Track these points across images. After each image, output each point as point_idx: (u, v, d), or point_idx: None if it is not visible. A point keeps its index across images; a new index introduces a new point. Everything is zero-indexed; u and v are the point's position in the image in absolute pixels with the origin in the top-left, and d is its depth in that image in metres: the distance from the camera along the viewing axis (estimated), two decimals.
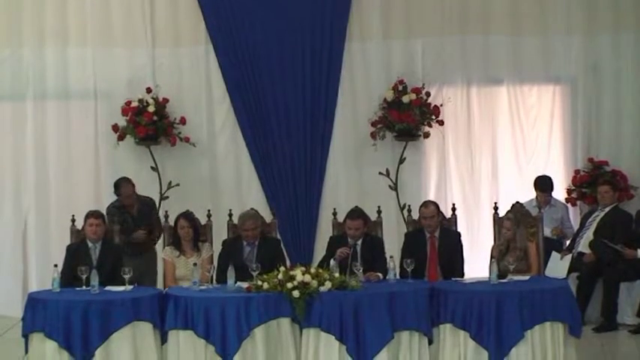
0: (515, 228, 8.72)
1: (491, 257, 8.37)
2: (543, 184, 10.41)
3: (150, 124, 10.42)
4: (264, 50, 10.72)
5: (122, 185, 9.66)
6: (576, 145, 10.93)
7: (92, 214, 8.60)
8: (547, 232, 9.88)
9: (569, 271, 9.71)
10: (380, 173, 10.75)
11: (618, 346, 9.21)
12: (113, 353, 7.49)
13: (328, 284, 7.56)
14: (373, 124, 10.63)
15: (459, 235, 8.90)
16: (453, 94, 10.91)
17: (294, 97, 10.74)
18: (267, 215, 9.58)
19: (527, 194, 10.40)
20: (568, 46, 10.91)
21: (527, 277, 8.18)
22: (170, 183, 10.63)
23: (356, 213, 8.62)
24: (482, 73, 10.97)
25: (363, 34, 10.88)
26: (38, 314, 7.55)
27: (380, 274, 8.15)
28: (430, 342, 7.69)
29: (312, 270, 7.66)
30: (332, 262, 8.11)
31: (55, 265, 8.09)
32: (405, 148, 10.73)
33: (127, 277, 7.88)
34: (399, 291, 7.71)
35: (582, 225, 10.20)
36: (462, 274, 8.50)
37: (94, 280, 7.80)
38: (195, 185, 10.74)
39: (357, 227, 8.52)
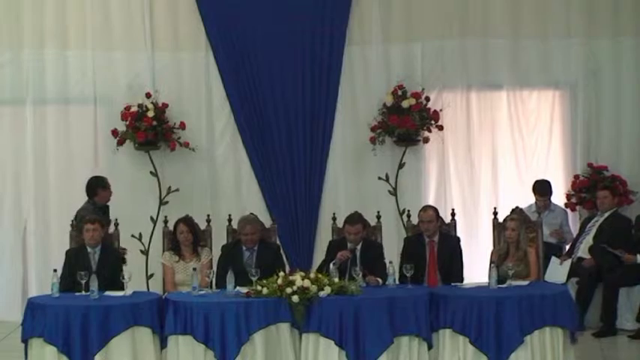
0: (520, 228, 8.69)
1: (491, 262, 8.37)
2: (542, 188, 10.41)
3: (149, 129, 10.40)
4: (264, 55, 10.72)
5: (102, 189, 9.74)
6: (576, 150, 10.94)
7: (88, 220, 8.58)
8: (546, 235, 9.87)
9: (569, 276, 9.70)
10: (379, 178, 10.74)
11: (618, 351, 9.21)
12: (112, 358, 7.48)
13: (328, 289, 7.57)
14: (373, 129, 10.63)
15: (458, 240, 8.89)
16: (452, 98, 10.91)
17: (293, 101, 10.73)
18: (266, 220, 9.58)
19: (526, 199, 10.41)
20: (568, 51, 10.93)
21: (526, 282, 8.19)
22: (169, 188, 10.61)
23: (355, 218, 8.61)
24: (482, 77, 10.97)
25: (362, 38, 10.88)
26: (38, 319, 7.54)
27: (379, 279, 8.15)
28: (430, 347, 7.69)
29: (312, 275, 7.67)
30: (331, 266, 8.11)
31: (55, 270, 8.08)
32: (404, 153, 10.72)
33: (126, 282, 7.87)
34: (398, 296, 7.71)
35: (582, 230, 10.20)
36: (462, 279, 8.49)
37: (94, 285, 7.77)
38: (194, 190, 10.73)
39: (357, 232, 8.51)
